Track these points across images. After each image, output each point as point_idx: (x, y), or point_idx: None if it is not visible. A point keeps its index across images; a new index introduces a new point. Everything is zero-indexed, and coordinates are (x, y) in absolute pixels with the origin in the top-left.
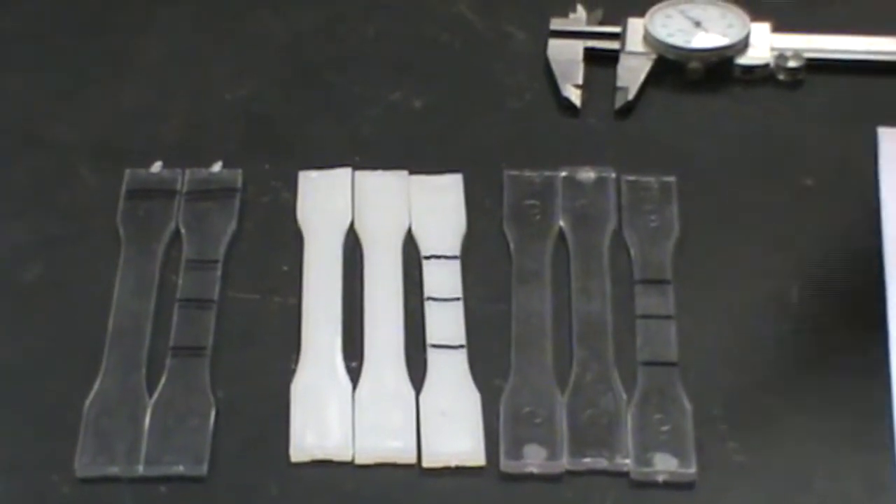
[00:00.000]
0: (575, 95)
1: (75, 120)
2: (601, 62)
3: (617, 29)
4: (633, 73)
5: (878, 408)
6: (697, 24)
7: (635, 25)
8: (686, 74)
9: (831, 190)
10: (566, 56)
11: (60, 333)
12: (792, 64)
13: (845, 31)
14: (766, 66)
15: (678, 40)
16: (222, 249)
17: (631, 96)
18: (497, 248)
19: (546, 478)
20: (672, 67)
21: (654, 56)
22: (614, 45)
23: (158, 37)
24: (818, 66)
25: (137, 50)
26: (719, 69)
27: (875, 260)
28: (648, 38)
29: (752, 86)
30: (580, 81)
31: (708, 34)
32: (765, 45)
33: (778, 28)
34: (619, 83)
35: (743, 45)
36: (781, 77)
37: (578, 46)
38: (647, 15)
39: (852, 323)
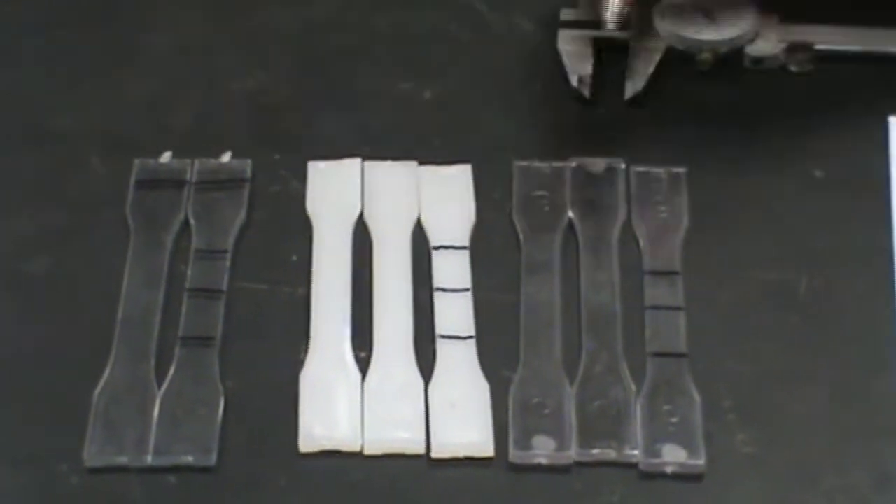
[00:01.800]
0: (585, 86)
1: (84, 111)
2: (611, 53)
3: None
4: (643, 63)
5: (886, 400)
6: (707, 14)
7: (644, 16)
8: (697, 65)
9: (841, 181)
10: (576, 47)
11: (70, 324)
12: (802, 54)
13: (856, 22)
14: (777, 56)
15: (688, 31)
16: (231, 239)
17: (641, 87)
18: (506, 238)
19: (555, 469)
20: (682, 58)
21: (664, 47)
22: (624, 35)
23: (168, 26)
24: (829, 57)
25: (146, 40)
26: (730, 60)
27: (884, 251)
28: (659, 29)
29: (763, 76)
30: (590, 72)
31: (718, 25)
32: (775, 35)
33: (787, 18)
34: (630, 74)
35: (753, 35)
36: (792, 68)
37: (588, 37)
38: (656, 5)
39: (861, 315)
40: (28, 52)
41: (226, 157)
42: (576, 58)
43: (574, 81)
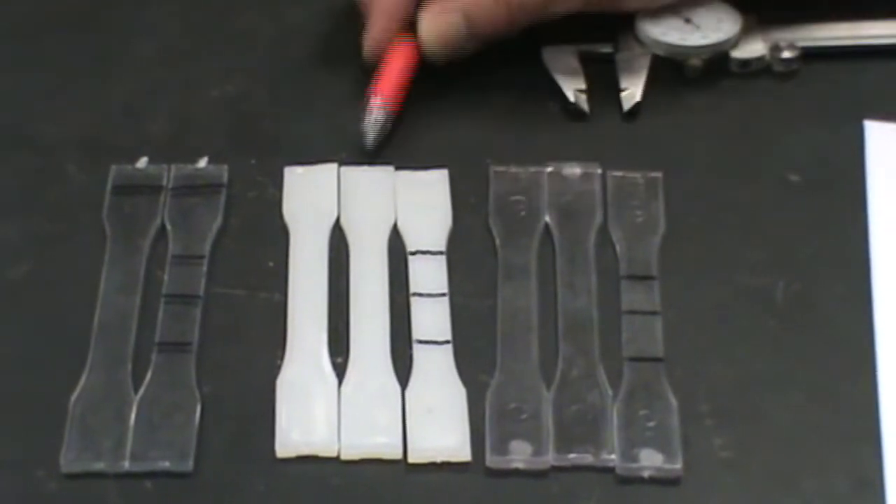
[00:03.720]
0: (583, 101)
1: (61, 117)
2: (592, 63)
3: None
4: (634, 74)
5: (864, 404)
6: (688, 20)
7: (626, 25)
8: (685, 72)
9: (817, 185)
10: (563, 63)
11: (46, 330)
12: (787, 54)
13: (838, 18)
14: (762, 58)
15: (673, 38)
16: (208, 245)
17: (639, 97)
18: (483, 243)
19: (532, 473)
20: (667, 64)
21: (650, 55)
22: (607, 47)
23: (145, 33)
24: (814, 55)
25: (123, 46)
26: (716, 65)
27: (861, 255)
28: (642, 38)
29: (746, 79)
30: (584, 86)
31: (700, 30)
32: (758, 36)
33: (765, 19)
34: (623, 85)
35: (737, 38)
36: (778, 69)
37: (573, 51)
38: (638, 15)
39: (838, 319)
40: (6, 58)
41: (202, 163)
42: (566, 74)
43: (571, 97)
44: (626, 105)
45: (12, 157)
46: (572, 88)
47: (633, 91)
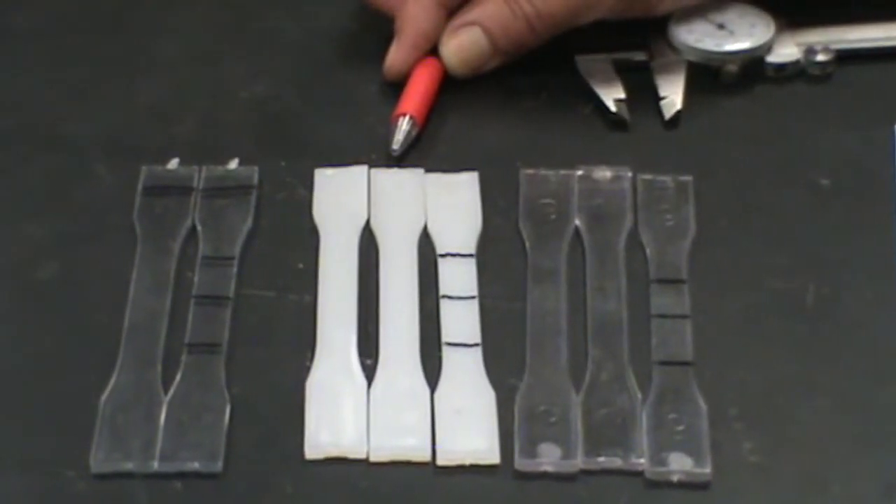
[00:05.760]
0: (623, 110)
1: (91, 118)
2: (625, 71)
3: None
4: (671, 82)
5: (894, 408)
6: (721, 26)
7: (659, 33)
8: (721, 78)
9: (848, 190)
10: (599, 71)
11: (76, 330)
12: (821, 58)
13: (871, 20)
14: (797, 62)
15: (709, 45)
16: (238, 246)
17: (679, 105)
18: (512, 246)
19: (560, 477)
20: (701, 70)
21: (685, 62)
22: (641, 55)
23: (174, 35)
24: (848, 58)
25: (154, 47)
26: (751, 71)
27: (891, 260)
28: (677, 45)
29: (780, 84)
30: (623, 95)
31: (734, 36)
32: (791, 41)
33: (798, 22)
34: (662, 93)
35: (771, 42)
36: (812, 72)
37: (607, 60)
38: (671, 22)
39: (868, 323)
40: (36, 59)
41: (233, 164)
42: (604, 84)
43: (613, 108)
44: (667, 113)
45: (42, 157)
46: (612, 98)
47: (672, 99)
